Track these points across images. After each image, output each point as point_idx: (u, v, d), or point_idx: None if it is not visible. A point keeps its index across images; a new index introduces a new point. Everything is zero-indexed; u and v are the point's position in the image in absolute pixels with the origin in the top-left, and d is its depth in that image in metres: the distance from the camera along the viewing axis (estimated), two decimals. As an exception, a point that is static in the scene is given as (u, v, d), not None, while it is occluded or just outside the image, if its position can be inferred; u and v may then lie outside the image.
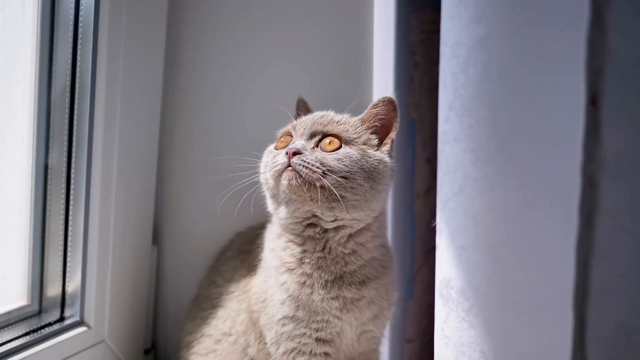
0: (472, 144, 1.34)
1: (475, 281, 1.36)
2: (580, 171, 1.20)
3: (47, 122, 1.87)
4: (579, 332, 1.24)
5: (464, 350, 1.38)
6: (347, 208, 1.56)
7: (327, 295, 1.61)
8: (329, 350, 1.64)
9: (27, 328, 1.83)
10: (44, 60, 1.84)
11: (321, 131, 1.62)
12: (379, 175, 1.60)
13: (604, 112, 1.19)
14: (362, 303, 1.62)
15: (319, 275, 1.61)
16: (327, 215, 1.59)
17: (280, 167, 1.56)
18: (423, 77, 2.01)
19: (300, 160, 1.54)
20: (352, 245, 1.62)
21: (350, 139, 1.62)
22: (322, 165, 1.54)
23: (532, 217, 1.28)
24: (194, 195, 2.14)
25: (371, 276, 1.64)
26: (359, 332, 1.65)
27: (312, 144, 1.61)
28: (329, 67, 2.06)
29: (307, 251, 1.63)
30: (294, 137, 1.64)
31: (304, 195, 1.55)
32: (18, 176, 1.87)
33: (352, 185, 1.56)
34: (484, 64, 1.31)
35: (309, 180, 1.53)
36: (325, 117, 1.68)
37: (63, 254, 1.92)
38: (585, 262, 1.22)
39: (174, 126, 2.13)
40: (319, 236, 1.62)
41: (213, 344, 1.81)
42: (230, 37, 2.07)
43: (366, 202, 1.58)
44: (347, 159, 1.57)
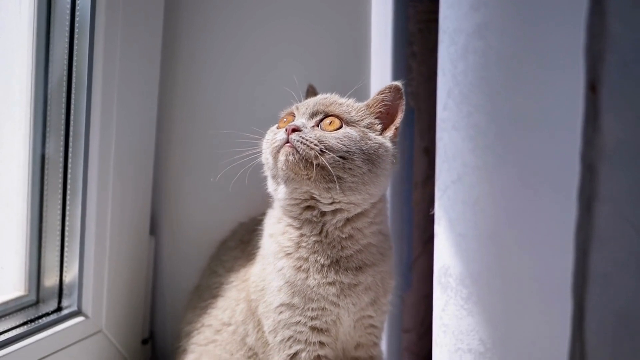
0: (471, 132, 1.34)
1: (474, 269, 1.36)
2: (580, 158, 1.20)
3: (43, 112, 1.86)
4: (578, 319, 1.24)
5: (463, 338, 1.38)
6: (343, 190, 1.56)
7: (322, 281, 1.60)
8: (325, 339, 1.64)
9: (25, 318, 1.82)
10: (40, 51, 1.83)
11: (323, 111, 1.63)
12: (378, 158, 1.60)
13: (603, 98, 1.19)
14: (360, 289, 1.62)
15: (315, 259, 1.61)
16: (324, 196, 1.59)
17: (279, 143, 1.56)
18: (420, 67, 2.01)
19: (299, 137, 1.54)
20: (349, 230, 1.62)
21: (352, 121, 1.62)
22: (320, 142, 1.54)
23: (531, 204, 1.29)
24: (191, 186, 2.13)
25: (368, 262, 1.63)
26: (356, 318, 1.64)
27: (313, 123, 1.61)
28: (326, 57, 2.06)
29: (305, 235, 1.63)
30: (297, 117, 1.65)
31: (301, 173, 1.55)
32: (15, 167, 1.87)
33: (350, 166, 1.55)
34: (482, 51, 1.31)
35: (306, 157, 1.53)
36: (328, 98, 1.68)
37: (60, 244, 1.91)
38: (585, 249, 1.22)
39: (172, 117, 2.13)
40: (316, 219, 1.61)
41: (213, 334, 1.81)
42: (228, 24, 2.07)
43: (364, 185, 1.58)
44: (347, 139, 1.56)
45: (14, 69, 1.85)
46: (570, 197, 1.22)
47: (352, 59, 2.04)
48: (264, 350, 1.70)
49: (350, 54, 2.05)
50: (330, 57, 2.06)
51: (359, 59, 2.03)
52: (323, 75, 2.01)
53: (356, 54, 2.04)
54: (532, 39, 1.26)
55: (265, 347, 1.69)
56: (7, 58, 1.85)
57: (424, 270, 2.09)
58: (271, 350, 1.67)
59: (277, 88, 1.77)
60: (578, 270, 1.23)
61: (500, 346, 1.34)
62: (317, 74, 2.01)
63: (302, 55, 2.05)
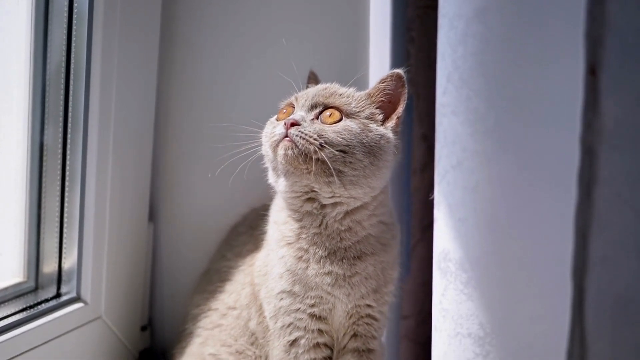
0: (470, 117, 1.34)
1: (474, 253, 1.36)
2: (579, 142, 1.20)
3: (42, 100, 1.86)
4: (577, 302, 1.24)
5: (462, 323, 1.39)
6: (344, 184, 1.54)
7: (320, 271, 1.60)
8: (323, 327, 1.63)
9: (24, 304, 1.83)
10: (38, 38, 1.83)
11: (322, 103, 1.60)
12: (379, 150, 1.57)
13: (603, 82, 1.19)
14: (355, 279, 1.61)
15: (314, 250, 1.60)
16: (324, 190, 1.57)
17: (278, 138, 1.55)
18: (419, 53, 2.01)
19: (298, 132, 1.52)
20: (348, 222, 1.60)
21: (352, 112, 1.60)
22: (319, 137, 1.52)
23: (531, 188, 1.29)
24: (190, 173, 2.14)
25: (367, 252, 1.62)
26: (349, 307, 1.63)
27: (312, 116, 1.59)
28: (325, 43, 2.06)
29: (304, 227, 1.62)
30: (296, 109, 1.62)
31: (300, 167, 1.53)
32: (14, 154, 1.87)
33: (350, 160, 1.53)
34: (482, 35, 1.31)
35: (305, 151, 1.51)
36: (328, 89, 1.65)
37: (59, 231, 1.91)
38: (584, 232, 1.22)
39: (170, 104, 2.13)
40: (316, 211, 1.60)
41: (219, 318, 1.82)
42: (226, 9, 2.06)
43: (365, 179, 1.56)
44: (347, 132, 1.54)
45: (12, 56, 1.86)
46: (569, 181, 1.22)
47: (351, 45, 2.04)
48: (264, 336, 1.71)
49: (349, 39, 2.04)
50: (330, 42, 2.06)
51: (357, 45, 2.03)
52: (322, 61, 2.01)
53: (355, 40, 2.04)
54: (532, 23, 1.26)
55: (266, 332, 1.69)
56: (5, 45, 1.85)
57: (422, 257, 2.09)
58: (271, 335, 1.67)
59: (276, 73, 1.75)
60: (578, 254, 1.23)
61: (499, 330, 1.35)
62: (316, 59, 2.00)
63: (301, 41, 2.05)
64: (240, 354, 1.75)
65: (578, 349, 1.25)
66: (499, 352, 1.35)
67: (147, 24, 1.99)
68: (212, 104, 2.10)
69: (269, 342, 1.69)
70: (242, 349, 1.75)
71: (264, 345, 1.71)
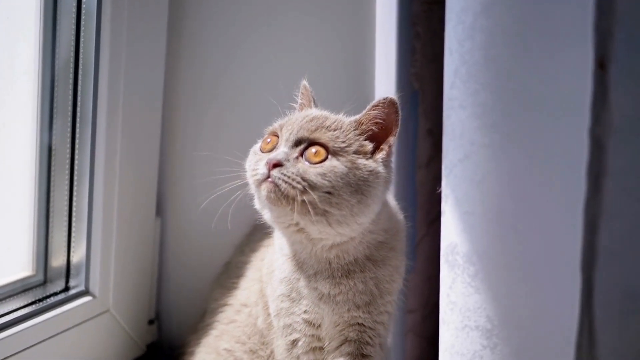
0: (477, 110, 1.34)
1: (481, 246, 1.37)
2: (588, 134, 1.21)
3: (50, 95, 1.87)
4: (586, 295, 1.25)
5: (470, 316, 1.40)
6: (330, 223, 1.48)
7: (309, 285, 1.59)
8: (317, 333, 1.62)
9: (32, 298, 1.84)
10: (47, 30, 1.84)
11: (307, 138, 1.51)
12: (368, 188, 1.49)
13: (612, 75, 1.20)
14: (339, 298, 1.57)
15: (305, 268, 1.59)
16: (310, 228, 1.50)
17: (260, 177, 1.47)
18: (424, 48, 2.01)
19: (280, 174, 1.45)
20: (336, 251, 1.56)
21: (339, 149, 1.50)
22: (303, 180, 1.45)
23: (539, 182, 1.29)
24: (196, 169, 2.14)
25: (357, 270, 1.57)
26: (335, 319, 1.59)
27: (297, 153, 1.50)
28: (331, 40, 2.06)
29: (296, 251, 1.60)
30: (280, 140, 1.54)
31: (284, 208, 1.47)
32: (23, 149, 1.88)
33: (336, 201, 1.46)
34: (490, 29, 1.31)
35: (288, 194, 1.44)
36: (315, 120, 1.56)
37: (68, 225, 1.92)
38: (593, 225, 1.23)
39: (178, 100, 2.13)
40: (305, 241, 1.55)
41: (234, 314, 1.82)
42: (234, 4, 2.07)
43: (352, 217, 1.49)
44: (332, 174, 1.46)
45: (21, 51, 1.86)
46: (578, 174, 1.23)
47: (358, 41, 2.04)
48: (268, 333, 1.71)
49: (355, 35, 2.05)
50: (336, 39, 2.06)
51: (364, 40, 2.03)
52: (328, 58, 2.02)
53: (361, 35, 2.04)
54: (540, 17, 1.27)
55: (270, 329, 1.69)
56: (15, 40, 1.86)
57: (428, 252, 2.09)
58: (274, 333, 1.68)
59: (281, 71, 1.74)
60: (587, 246, 1.24)
61: (507, 323, 1.36)
62: (322, 56, 2.01)
63: (308, 38, 2.05)
64: (253, 354, 1.75)
65: (587, 340, 1.26)
66: (507, 345, 1.36)
67: (154, 19, 2.00)
68: (219, 100, 2.10)
69: (273, 339, 1.69)
70: (255, 348, 1.75)
71: (269, 343, 1.72)
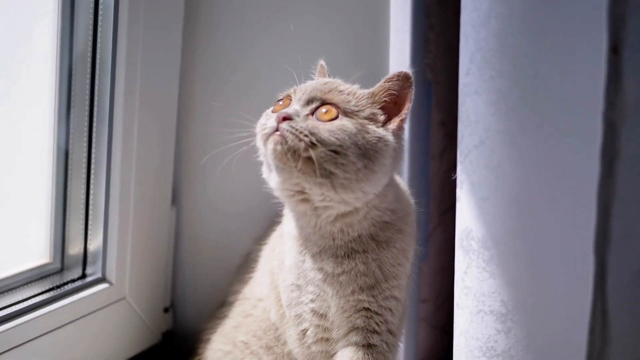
0: (493, 96, 1.36)
1: (496, 232, 1.38)
2: (602, 118, 1.22)
3: (68, 85, 1.89)
4: (599, 278, 1.26)
5: (484, 300, 1.41)
6: (335, 186, 1.46)
7: (313, 266, 1.57)
8: (323, 323, 1.60)
9: (50, 285, 1.86)
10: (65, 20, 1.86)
11: (320, 98, 1.52)
12: (375, 154, 1.48)
13: (625, 60, 1.21)
14: (343, 278, 1.55)
15: (309, 247, 1.58)
16: (315, 192, 1.49)
17: (269, 131, 1.47)
18: (438, 39, 2.02)
19: (289, 126, 1.45)
20: (340, 225, 1.54)
21: (350, 111, 1.51)
22: (311, 134, 1.44)
23: (553, 167, 1.31)
24: (212, 158, 2.15)
25: (359, 250, 1.55)
26: (342, 303, 1.57)
27: (308, 111, 1.50)
28: (346, 28, 2.07)
29: (302, 227, 1.59)
30: (292, 102, 1.54)
31: (289, 164, 1.45)
32: (41, 137, 1.90)
33: (342, 162, 1.44)
34: (505, 16, 1.33)
35: (295, 148, 1.43)
36: (328, 84, 1.57)
37: (85, 214, 1.94)
38: (606, 208, 1.24)
39: (194, 88, 2.15)
40: (310, 212, 1.53)
41: (250, 308, 1.82)
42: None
43: (357, 183, 1.47)
44: (341, 132, 1.45)
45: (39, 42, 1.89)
46: (592, 158, 1.25)
47: (372, 32, 2.05)
48: (281, 325, 1.71)
49: (370, 26, 2.05)
50: (350, 29, 2.07)
51: (378, 32, 2.03)
52: (342, 48, 2.03)
53: (376, 27, 2.04)
54: (555, 4, 1.28)
55: (283, 319, 1.69)
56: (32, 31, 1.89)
57: (440, 242, 2.11)
58: (287, 323, 1.67)
59: (297, 59, 1.75)
60: (600, 229, 1.25)
61: (521, 307, 1.37)
62: (336, 46, 2.02)
63: (322, 28, 2.06)
64: (269, 350, 1.75)
65: (600, 323, 1.27)
66: (521, 329, 1.37)
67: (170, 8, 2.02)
68: (235, 90, 2.11)
69: (286, 329, 1.68)
70: (271, 344, 1.75)
71: (283, 339, 1.71)
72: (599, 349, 1.29)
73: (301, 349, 1.64)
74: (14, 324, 1.69)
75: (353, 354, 1.57)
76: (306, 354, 1.64)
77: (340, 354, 1.59)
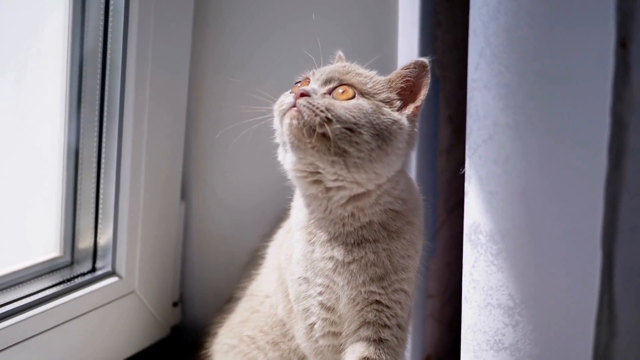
0: (502, 91, 1.36)
1: (504, 226, 1.39)
2: (610, 112, 1.23)
3: (79, 76, 1.90)
4: (606, 271, 1.27)
5: (492, 294, 1.41)
6: (348, 165, 1.48)
7: (323, 255, 1.57)
8: (331, 317, 1.60)
9: (60, 278, 1.88)
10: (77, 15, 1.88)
11: (337, 78, 1.54)
12: (390, 135, 1.50)
13: (633, 54, 1.22)
14: (353, 267, 1.55)
15: (320, 234, 1.58)
16: (328, 170, 1.50)
17: (286, 107, 1.49)
18: (446, 36, 2.03)
19: (306, 102, 1.47)
20: (351, 209, 1.55)
21: (367, 92, 1.54)
22: (327, 110, 1.46)
23: (562, 161, 1.31)
24: (220, 154, 2.16)
25: (370, 238, 1.55)
26: (354, 294, 1.57)
27: (325, 90, 1.53)
28: (354, 25, 2.08)
29: (312, 212, 1.59)
30: (311, 83, 1.57)
31: (304, 140, 1.46)
32: (51, 131, 1.91)
33: (356, 140, 1.46)
34: (514, 11, 1.33)
35: (310, 123, 1.45)
36: (347, 66, 1.61)
37: (95, 208, 1.96)
38: (614, 202, 1.25)
39: (204, 83, 2.16)
40: (321, 195, 1.54)
41: (258, 304, 1.83)
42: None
43: (370, 163, 1.48)
44: (357, 110, 1.48)
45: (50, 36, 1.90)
46: (599, 152, 1.25)
47: (380, 29, 2.06)
48: (289, 320, 1.71)
49: (377, 24, 2.06)
50: (358, 27, 2.08)
51: (386, 29, 2.04)
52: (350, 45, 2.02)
53: (383, 24, 2.05)
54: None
55: (291, 314, 1.69)
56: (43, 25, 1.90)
57: (447, 238, 2.12)
58: (295, 317, 1.68)
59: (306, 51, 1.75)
60: (607, 222, 1.26)
61: (529, 301, 1.38)
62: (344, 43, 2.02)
63: (329, 25, 2.06)
64: (275, 345, 1.75)
65: (607, 316, 1.28)
66: (529, 322, 1.38)
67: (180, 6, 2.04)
68: (244, 84, 2.11)
69: (294, 323, 1.69)
70: (277, 340, 1.75)
71: (290, 334, 1.72)
72: (606, 341, 1.30)
73: (309, 343, 1.65)
74: (25, 317, 1.70)
75: (364, 349, 1.57)
76: (313, 348, 1.64)
77: (350, 349, 1.59)
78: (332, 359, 1.64)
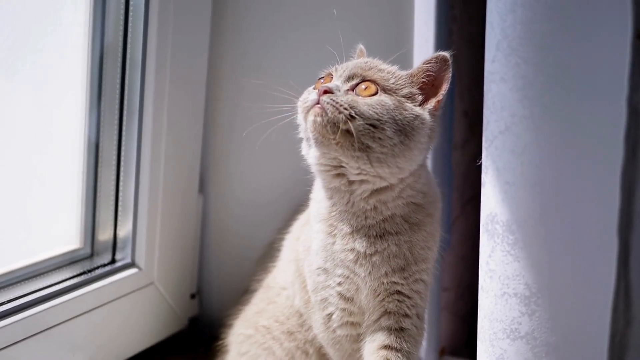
0: (518, 83, 1.37)
1: (521, 216, 1.40)
2: (626, 102, 1.24)
3: (99, 70, 1.93)
4: (622, 259, 1.28)
5: (509, 283, 1.42)
6: (371, 160, 1.50)
7: (344, 247, 1.58)
8: (350, 307, 1.62)
9: (80, 269, 1.91)
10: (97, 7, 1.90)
11: (360, 74, 1.56)
12: (412, 130, 1.52)
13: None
14: (375, 258, 1.57)
15: (341, 227, 1.59)
16: (352, 165, 1.52)
17: (310, 104, 1.51)
18: (461, 31, 2.04)
19: (330, 99, 1.48)
20: (374, 202, 1.56)
21: (389, 88, 1.55)
22: (350, 107, 1.47)
23: (578, 151, 1.32)
24: (238, 147, 2.18)
25: (392, 231, 1.57)
26: (376, 285, 1.59)
27: (348, 87, 1.54)
28: (370, 20, 2.10)
29: (334, 204, 1.60)
30: (334, 79, 1.58)
31: (328, 137, 1.48)
32: (72, 124, 1.94)
33: (379, 136, 1.48)
34: (531, 4, 1.34)
35: (334, 120, 1.47)
36: (369, 62, 1.62)
37: (115, 201, 1.99)
38: (630, 189, 1.26)
39: (222, 78, 2.18)
40: (344, 188, 1.56)
41: (274, 295, 1.84)
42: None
43: (393, 158, 1.50)
44: (379, 106, 1.49)
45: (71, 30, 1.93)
46: (616, 142, 1.27)
47: (396, 24, 2.07)
48: (306, 311, 1.73)
49: (393, 19, 2.07)
50: (374, 20, 2.09)
51: (402, 24, 2.04)
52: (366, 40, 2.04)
53: (400, 19, 2.06)
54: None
55: (308, 304, 1.71)
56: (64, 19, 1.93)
57: (462, 231, 2.12)
58: (312, 308, 1.69)
59: (325, 47, 1.76)
60: (624, 210, 1.27)
61: (545, 290, 1.39)
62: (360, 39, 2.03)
63: (345, 18, 2.07)
64: (290, 335, 1.77)
65: (623, 303, 1.30)
66: (545, 311, 1.39)
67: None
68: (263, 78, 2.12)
69: (311, 313, 1.70)
70: (293, 330, 1.77)
71: (307, 325, 1.74)
72: (623, 329, 1.31)
73: (326, 333, 1.66)
74: (46, 307, 1.73)
75: (385, 338, 1.60)
76: (331, 337, 1.66)
77: (370, 338, 1.61)
78: (349, 349, 1.66)
